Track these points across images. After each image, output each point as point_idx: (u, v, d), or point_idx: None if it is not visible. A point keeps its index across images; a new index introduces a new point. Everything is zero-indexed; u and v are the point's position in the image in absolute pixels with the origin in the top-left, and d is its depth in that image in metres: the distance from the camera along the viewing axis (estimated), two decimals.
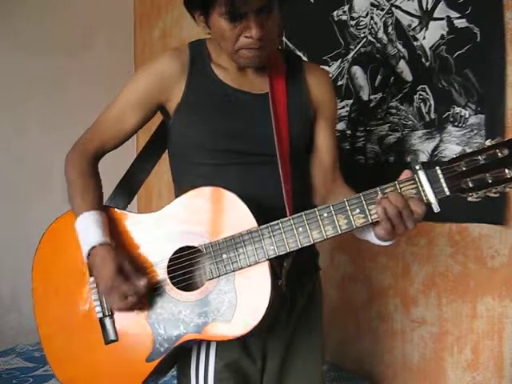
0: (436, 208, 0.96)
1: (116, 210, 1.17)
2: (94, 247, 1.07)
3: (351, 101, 1.86)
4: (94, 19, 2.91)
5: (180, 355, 1.16)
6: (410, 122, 1.68)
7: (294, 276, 1.11)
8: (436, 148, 1.61)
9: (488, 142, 0.93)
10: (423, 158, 1.64)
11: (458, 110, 1.55)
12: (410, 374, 1.75)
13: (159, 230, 1.11)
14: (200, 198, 1.09)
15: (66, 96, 2.80)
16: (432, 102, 1.62)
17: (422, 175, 0.96)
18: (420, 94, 1.65)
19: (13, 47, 2.66)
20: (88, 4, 2.89)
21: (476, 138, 1.51)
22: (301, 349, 1.22)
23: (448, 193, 0.95)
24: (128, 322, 1.11)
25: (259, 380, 1.18)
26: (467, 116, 1.53)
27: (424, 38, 1.63)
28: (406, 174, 0.99)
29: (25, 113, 2.70)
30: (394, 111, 1.73)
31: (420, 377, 1.72)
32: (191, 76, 1.16)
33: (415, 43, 1.65)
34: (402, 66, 1.70)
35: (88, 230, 1.09)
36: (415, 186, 0.97)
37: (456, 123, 1.56)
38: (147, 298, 1.09)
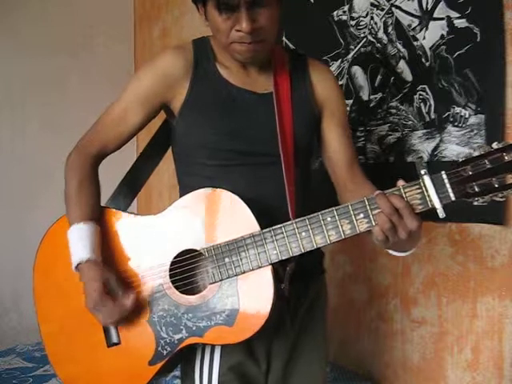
0: (441, 214, 0.94)
1: (117, 211, 1.16)
2: (80, 263, 1.07)
3: (351, 101, 1.86)
4: (93, 19, 2.91)
5: (184, 357, 1.15)
6: (409, 122, 1.68)
7: (299, 278, 1.11)
8: (436, 148, 1.61)
9: (495, 145, 0.90)
10: (423, 158, 1.64)
11: (458, 109, 1.55)
12: (410, 373, 1.75)
13: (160, 232, 1.10)
14: (202, 199, 1.08)
15: (65, 96, 2.80)
16: (432, 102, 1.62)
17: (427, 180, 0.94)
18: (420, 94, 1.65)
19: (13, 47, 2.66)
20: (88, 4, 2.88)
21: (476, 137, 1.51)
22: (305, 350, 1.21)
23: (453, 198, 0.93)
24: (130, 326, 1.10)
25: (264, 382, 1.18)
26: (467, 116, 1.53)
27: (424, 38, 1.63)
28: (400, 183, 0.96)
29: (25, 113, 2.70)
30: (394, 111, 1.73)
31: (420, 377, 1.72)
32: (196, 75, 1.14)
33: (415, 43, 1.65)
34: (402, 66, 1.70)
35: (77, 243, 1.08)
36: (420, 190, 0.95)
37: (456, 123, 1.56)
38: (149, 301, 1.09)
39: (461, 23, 1.52)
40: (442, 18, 1.57)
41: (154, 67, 1.16)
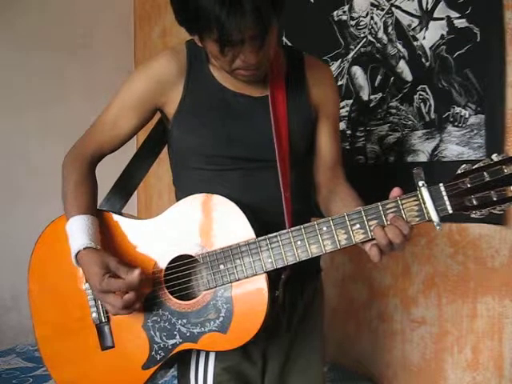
0: (438, 226, 0.93)
1: (113, 215, 1.14)
2: (79, 252, 1.05)
3: (351, 101, 1.86)
4: (93, 19, 2.91)
5: (179, 358, 1.14)
6: (409, 122, 1.68)
7: (294, 280, 1.10)
8: (436, 148, 1.61)
9: (494, 157, 0.89)
10: (423, 158, 1.64)
11: (458, 109, 1.55)
12: (409, 373, 1.75)
13: (156, 237, 1.09)
14: (198, 204, 1.07)
15: (65, 95, 2.80)
16: (432, 102, 1.62)
17: (425, 192, 0.93)
18: (420, 94, 1.65)
19: (12, 47, 2.66)
20: (88, 4, 2.88)
21: (476, 137, 1.51)
22: (302, 350, 1.21)
23: (451, 211, 0.92)
24: (125, 329, 1.10)
25: (260, 381, 1.17)
26: (467, 116, 1.53)
27: (424, 38, 1.63)
28: (395, 191, 0.96)
29: (24, 112, 2.70)
30: (394, 111, 1.73)
31: (420, 377, 1.72)
32: (189, 78, 1.12)
33: (415, 43, 1.65)
34: (402, 66, 1.70)
35: (74, 235, 1.06)
36: (417, 202, 0.94)
37: (456, 123, 1.56)
38: (144, 306, 1.07)
39: (461, 23, 1.52)
40: (442, 18, 1.58)
41: (146, 71, 1.14)
